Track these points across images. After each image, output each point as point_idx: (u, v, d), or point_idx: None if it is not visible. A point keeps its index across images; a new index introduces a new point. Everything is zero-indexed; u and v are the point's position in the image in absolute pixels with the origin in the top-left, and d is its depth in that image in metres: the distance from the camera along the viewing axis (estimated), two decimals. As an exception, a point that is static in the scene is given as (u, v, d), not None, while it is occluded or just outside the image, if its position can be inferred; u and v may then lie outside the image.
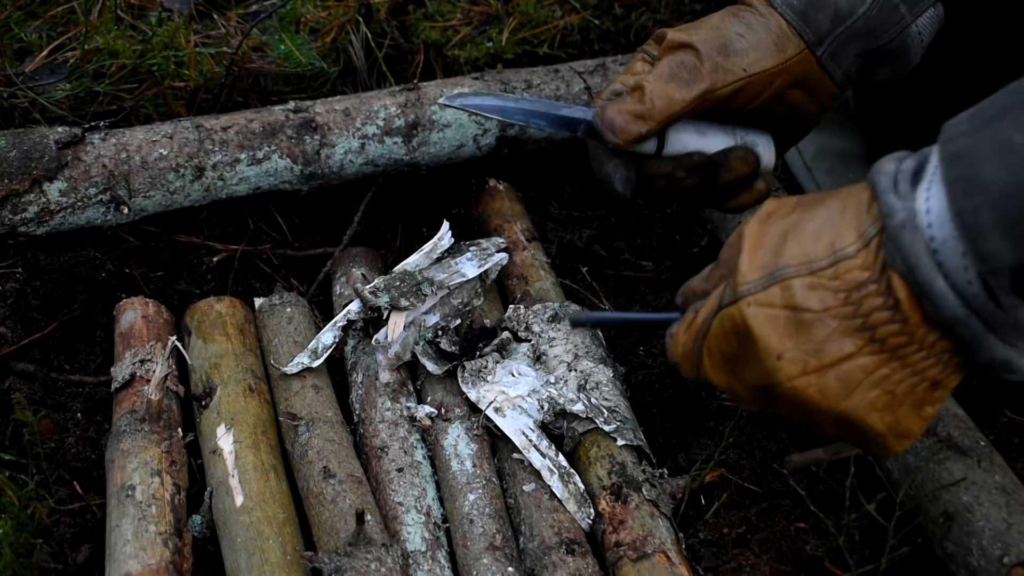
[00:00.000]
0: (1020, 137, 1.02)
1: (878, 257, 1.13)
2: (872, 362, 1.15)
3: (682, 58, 1.51)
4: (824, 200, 1.22)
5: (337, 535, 1.37)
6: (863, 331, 1.14)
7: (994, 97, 1.10)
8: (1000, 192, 1.03)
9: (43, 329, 1.73)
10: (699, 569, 1.43)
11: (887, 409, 1.17)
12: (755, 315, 1.19)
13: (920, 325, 1.12)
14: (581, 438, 1.54)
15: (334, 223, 2.02)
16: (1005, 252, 1.04)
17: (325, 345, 1.66)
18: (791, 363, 1.17)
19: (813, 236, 1.18)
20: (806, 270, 1.16)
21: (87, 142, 1.78)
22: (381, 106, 1.93)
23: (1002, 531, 1.35)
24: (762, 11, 1.54)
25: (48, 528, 1.45)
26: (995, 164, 1.03)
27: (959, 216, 1.06)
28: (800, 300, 1.16)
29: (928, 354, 1.14)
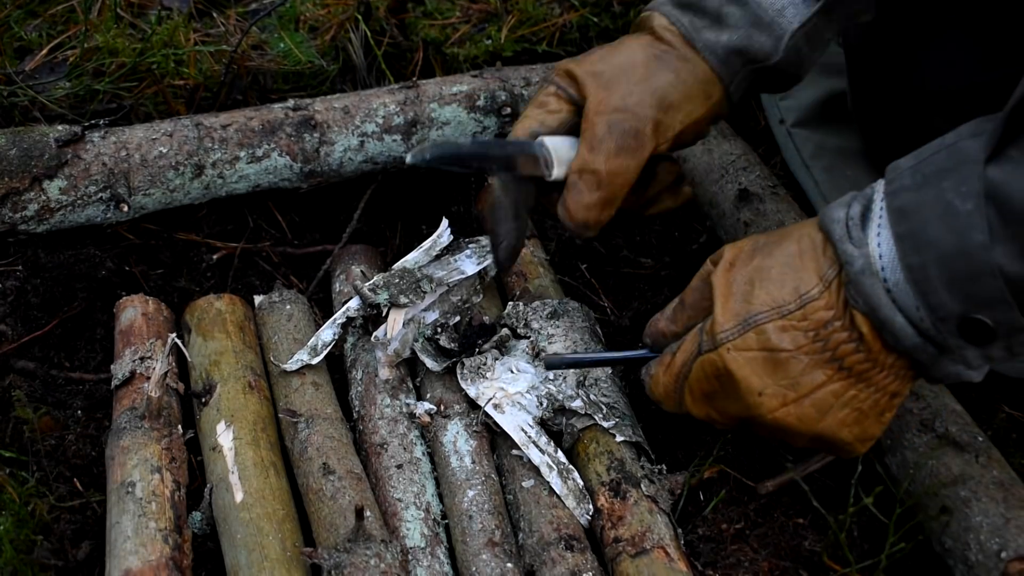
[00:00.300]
0: (960, 202, 1.15)
1: (839, 297, 1.27)
2: (841, 387, 1.30)
3: (623, 125, 1.50)
4: (780, 243, 1.34)
5: (337, 531, 1.37)
6: (832, 362, 1.29)
7: (934, 151, 1.21)
8: (946, 254, 1.16)
9: (43, 327, 1.74)
10: (698, 565, 1.43)
11: (856, 424, 1.33)
12: (735, 359, 1.31)
13: (881, 351, 1.27)
14: (580, 434, 1.55)
15: (334, 221, 2.02)
16: (952, 305, 1.18)
17: (324, 342, 1.66)
18: (771, 398, 1.31)
19: (778, 282, 1.31)
20: (777, 315, 1.29)
21: (87, 140, 1.78)
22: (380, 104, 1.93)
23: (1000, 526, 1.35)
24: (684, 54, 1.54)
25: (48, 525, 1.45)
26: (939, 227, 1.16)
27: (909, 270, 1.19)
28: (775, 342, 1.29)
29: (888, 373, 1.29)
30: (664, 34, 1.55)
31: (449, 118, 1.95)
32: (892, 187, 1.23)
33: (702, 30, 1.54)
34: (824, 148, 2.05)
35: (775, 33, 1.53)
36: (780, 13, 1.52)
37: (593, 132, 1.50)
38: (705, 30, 1.54)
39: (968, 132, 1.19)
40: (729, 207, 1.90)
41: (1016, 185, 1.12)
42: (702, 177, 2.00)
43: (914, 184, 1.20)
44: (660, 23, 1.56)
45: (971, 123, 1.20)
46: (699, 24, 1.54)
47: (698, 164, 2.02)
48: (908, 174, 1.21)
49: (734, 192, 1.90)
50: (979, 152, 1.15)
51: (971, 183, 1.14)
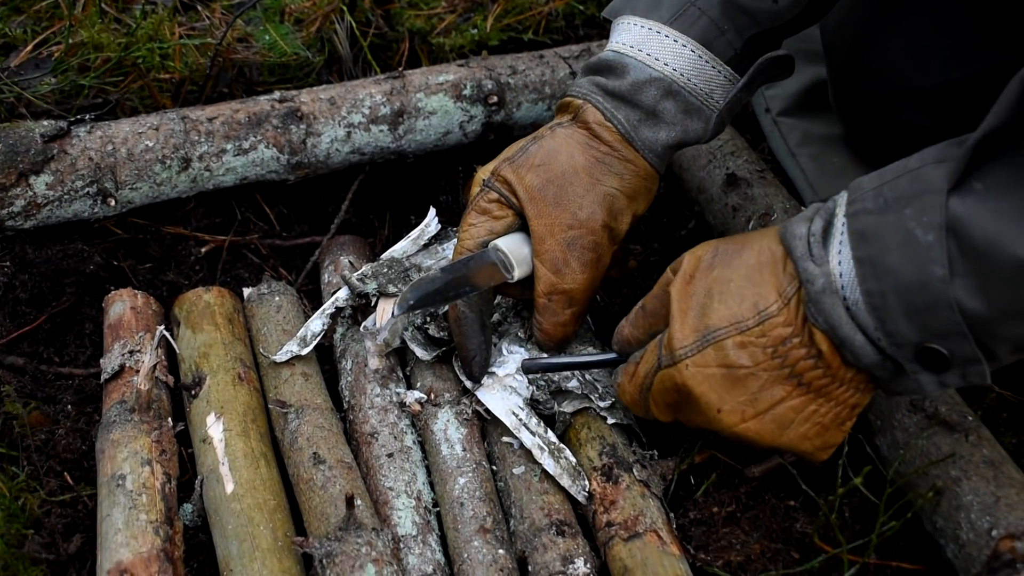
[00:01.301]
0: (921, 233, 1.14)
1: (799, 314, 1.27)
2: (801, 402, 1.30)
3: (581, 242, 1.52)
4: (740, 252, 1.34)
5: (327, 520, 1.37)
6: (791, 378, 1.29)
7: (898, 174, 1.19)
8: (905, 284, 1.16)
9: (32, 322, 1.74)
10: (690, 548, 1.44)
11: (817, 436, 1.33)
12: (693, 376, 1.32)
13: (840, 367, 1.27)
14: (571, 419, 1.55)
15: (322, 212, 2.02)
16: (909, 334, 1.18)
17: (314, 333, 1.66)
18: (730, 414, 1.32)
19: (737, 297, 1.31)
20: (735, 331, 1.30)
21: (73, 135, 1.78)
22: (367, 94, 1.93)
23: (990, 504, 1.35)
24: (625, 155, 1.55)
25: (39, 519, 1.45)
26: (899, 255, 1.15)
27: (868, 295, 1.19)
28: (733, 359, 1.30)
29: (848, 387, 1.30)
30: (601, 132, 1.55)
31: (435, 107, 1.95)
32: (853, 208, 1.21)
33: (639, 128, 1.54)
34: (810, 136, 2.04)
35: (705, 115, 1.56)
36: (709, 96, 1.56)
37: (553, 254, 1.52)
38: (642, 128, 1.54)
39: (932, 157, 1.18)
40: (717, 192, 1.90)
41: (977, 220, 1.11)
42: (690, 163, 2.00)
43: (876, 208, 1.19)
44: (595, 119, 1.55)
45: (936, 147, 1.19)
46: (634, 119, 1.54)
47: (686, 150, 2.02)
48: (871, 196, 1.20)
49: (722, 177, 1.90)
50: (942, 181, 1.14)
51: (933, 213, 1.13)
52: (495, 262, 1.53)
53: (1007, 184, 1.11)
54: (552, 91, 2.02)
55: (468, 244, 1.56)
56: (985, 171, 1.13)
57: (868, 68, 1.74)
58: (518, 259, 1.53)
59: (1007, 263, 1.09)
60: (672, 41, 1.53)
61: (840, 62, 1.84)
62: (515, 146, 1.58)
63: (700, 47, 1.53)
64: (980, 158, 1.13)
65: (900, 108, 1.72)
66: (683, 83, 1.53)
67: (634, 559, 1.36)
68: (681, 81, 1.53)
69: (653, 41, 1.54)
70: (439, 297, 1.53)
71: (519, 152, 1.56)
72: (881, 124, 1.79)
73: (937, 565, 1.42)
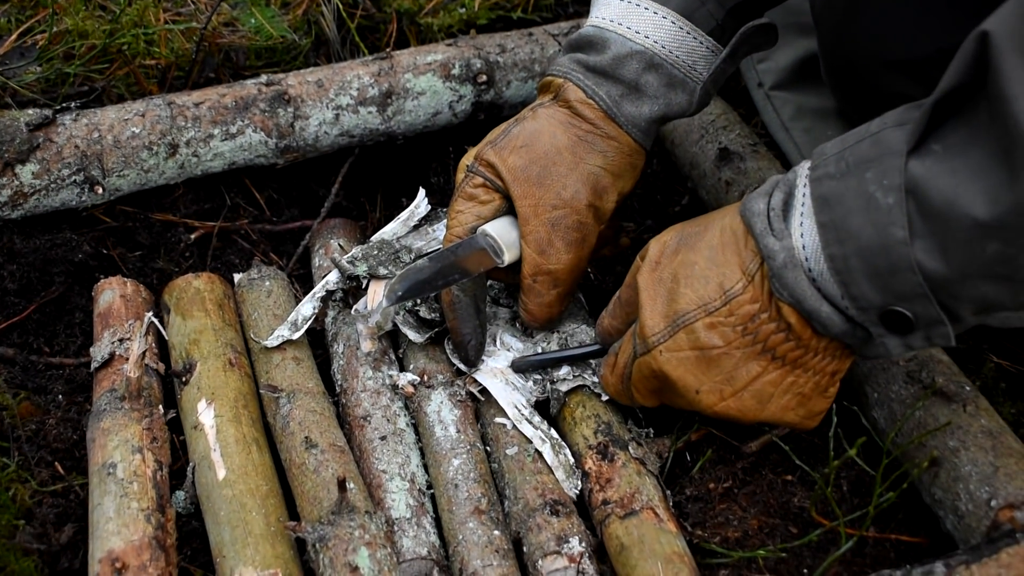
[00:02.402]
0: (881, 195, 1.14)
1: (764, 288, 1.27)
2: (778, 376, 1.31)
3: (565, 221, 1.51)
4: (703, 234, 1.35)
5: (320, 504, 1.36)
6: (764, 353, 1.30)
7: (859, 139, 1.19)
8: (866, 247, 1.16)
9: (21, 312, 1.73)
10: (687, 525, 1.43)
11: (800, 406, 1.34)
12: (668, 361, 1.34)
13: (812, 338, 1.28)
14: (566, 399, 1.54)
15: (312, 196, 2.00)
16: (872, 296, 1.19)
17: (304, 317, 1.64)
18: (708, 394, 1.33)
19: (702, 279, 1.31)
20: (703, 313, 1.31)
21: (59, 123, 1.77)
22: (354, 76, 1.91)
23: (989, 475, 1.34)
24: (608, 131, 1.54)
25: (31, 509, 1.44)
26: (861, 219, 1.15)
27: (831, 260, 1.19)
28: (705, 340, 1.31)
29: (824, 355, 1.30)
30: (583, 110, 1.53)
31: (424, 88, 1.93)
32: (816, 173, 1.21)
33: (621, 103, 1.53)
34: (804, 110, 2.03)
35: (688, 88, 1.55)
36: (692, 68, 1.55)
37: (538, 235, 1.51)
38: (624, 103, 1.53)
39: (893, 120, 1.17)
40: (710, 167, 1.89)
41: (935, 181, 1.10)
42: (682, 138, 1.98)
43: (838, 172, 1.18)
44: (577, 96, 1.54)
45: (897, 111, 1.18)
46: (616, 95, 1.53)
47: (678, 124, 2.00)
48: (832, 161, 1.20)
49: (714, 152, 1.89)
50: (902, 143, 1.13)
51: (892, 176, 1.13)
52: (484, 247, 1.53)
53: (964, 144, 1.10)
54: (542, 69, 2.00)
55: (457, 231, 1.55)
56: (943, 132, 1.12)
57: (857, 39, 1.72)
58: (507, 243, 1.52)
59: (964, 223, 1.08)
60: (652, 13, 1.52)
61: (830, 34, 1.82)
62: (498, 129, 1.58)
63: (681, 18, 1.52)
64: (938, 119, 1.13)
65: (891, 79, 1.71)
66: (665, 55, 1.52)
67: (631, 537, 1.35)
68: (663, 54, 1.52)
69: (633, 14, 1.52)
70: (428, 286, 1.52)
71: (501, 135, 1.56)
72: (873, 96, 1.77)
73: (936, 537, 1.42)
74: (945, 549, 1.38)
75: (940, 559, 1.24)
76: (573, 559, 1.34)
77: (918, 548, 1.42)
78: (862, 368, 1.53)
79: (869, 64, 1.74)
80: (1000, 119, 1.05)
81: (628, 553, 1.34)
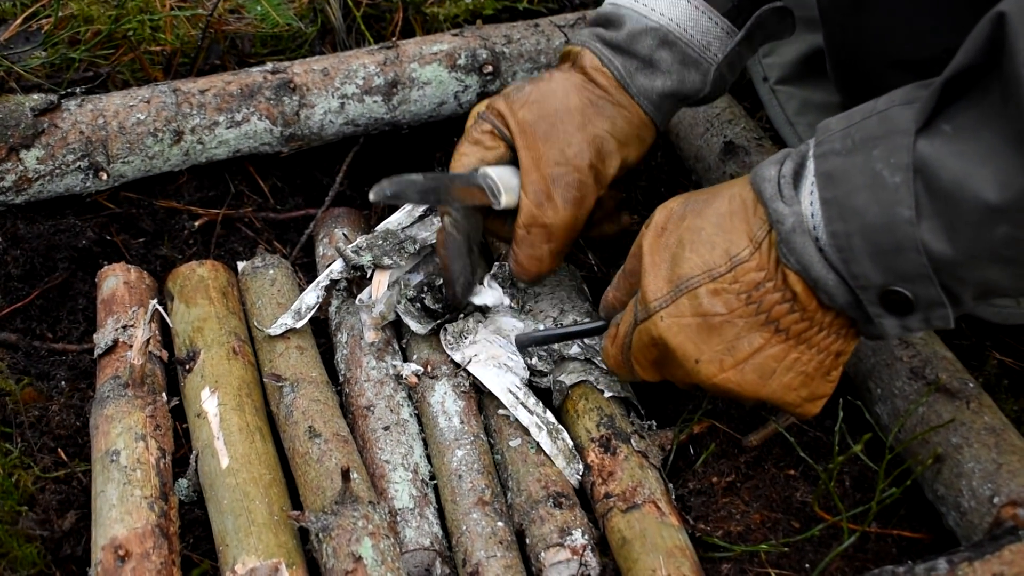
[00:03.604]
0: (888, 174, 1.12)
1: (771, 257, 1.25)
2: (781, 350, 1.28)
3: (566, 178, 1.51)
4: (711, 201, 1.32)
5: (324, 494, 1.36)
6: (768, 324, 1.27)
7: (866, 115, 1.18)
8: (871, 225, 1.14)
9: (24, 298, 1.72)
10: (689, 519, 1.43)
11: (802, 386, 1.31)
12: (669, 327, 1.31)
13: (817, 310, 1.25)
14: (569, 391, 1.54)
15: (316, 185, 2.00)
16: (874, 275, 1.17)
17: (308, 306, 1.64)
18: (709, 364, 1.30)
19: (708, 245, 1.29)
20: (707, 278, 1.28)
21: (63, 109, 1.76)
22: (360, 65, 1.91)
23: (992, 472, 1.34)
24: (619, 99, 1.55)
25: (33, 496, 1.44)
26: (866, 197, 1.13)
27: (834, 237, 1.18)
28: (707, 307, 1.28)
29: (828, 332, 1.27)
30: (597, 76, 1.55)
31: (430, 78, 1.93)
32: (821, 149, 1.20)
33: (635, 75, 1.54)
34: (809, 104, 2.02)
35: (703, 68, 1.55)
36: (706, 48, 1.55)
37: (536, 186, 1.51)
38: (638, 75, 1.54)
39: (901, 98, 1.16)
40: (715, 160, 1.88)
41: (945, 162, 1.09)
42: (687, 131, 1.98)
43: (843, 148, 1.17)
44: (592, 63, 1.55)
45: (904, 89, 1.18)
46: (631, 68, 1.54)
47: (683, 118, 2.00)
48: (838, 137, 1.19)
49: (719, 145, 1.88)
50: (910, 122, 1.12)
51: (900, 155, 1.12)
52: (481, 185, 1.53)
53: (974, 126, 1.09)
54: (548, 60, 2.00)
55: (458, 169, 1.57)
56: (953, 112, 1.11)
57: (864, 38, 1.72)
58: (506, 187, 1.53)
59: (973, 205, 1.08)
60: None
61: (835, 31, 1.82)
62: (513, 85, 1.60)
63: None
64: (948, 99, 1.12)
65: (898, 78, 1.69)
66: (679, 33, 1.53)
67: (633, 530, 1.35)
68: (677, 32, 1.53)
69: None
70: (417, 196, 1.52)
71: (516, 89, 1.57)
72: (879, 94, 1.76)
73: (939, 533, 1.42)
74: (947, 546, 1.38)
75: (943, 555, 1.24)
76: (576, 551, 1.34)
77: (920, 544, 1.42)
78: (866, 364, 1.53)
79: (875, 63, 1.74)
80: (1013, 101, 1.04)
81: (630, 546, 1.34)
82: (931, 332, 1.54)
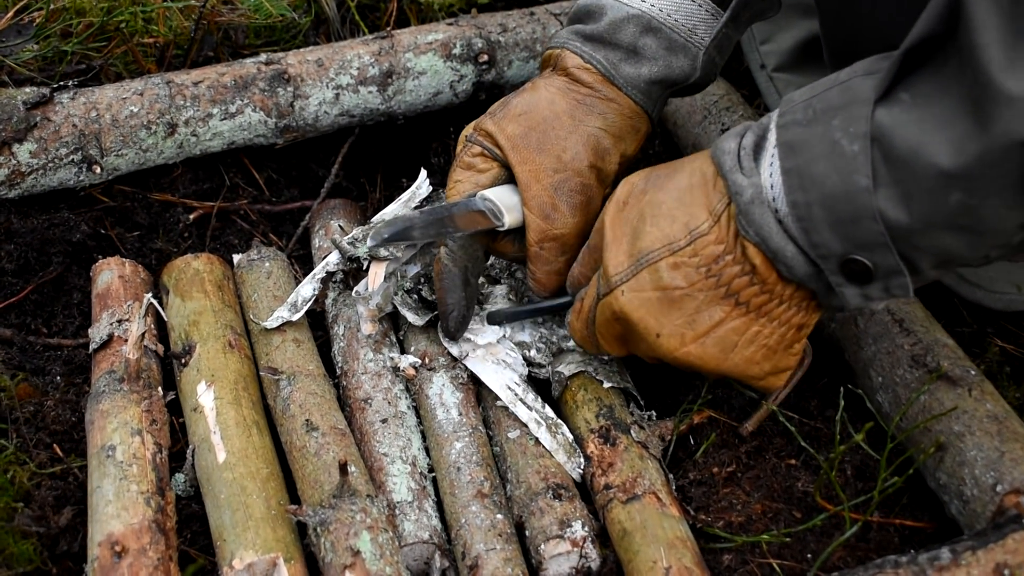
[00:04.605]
0: (847, 143, 1.13)
1: (730, 229, 1.25)
2: (742, 323, 1.29)
3: (568, 184, 1.49)
4: (672, 175, 1.33)
5: (321, 488, 1.35)
6: (728, 297, 1.27)
7: (828, 87, 1.18)
8: (830, 194, 1.15)
9: (18, 293, 1.71)
10: (690, 509, 1.42)
11: (765, 360, 1.32)
12: (630, 301, 1.31)
13: (777, 283, 1.25)
14: (568, 382, 1.53)
15: (312, 176, 1.99)
16: (833, 244, 1.17)
17: (304, 298, 1.63)
18: (669, 338, 1.31)
19: (668, 218, 1.29)
20: (668, 252, 1.28)
21: (56, 102, 1.75)
22: (355, 55, 1.89)
23: (995, 460, 1.33)
24: (607, 93, 1.53)
25: (29, 492, 1.43)
26: (825, 166, 1.14)
27: (794, 207, 1.18)
28: (667, 280, 1.29)
29: (789, 305, 1.28)
30: (581, 75, 1.53)
31: (425, 67, 1.92)
32: (784, 120, 1.20)
33: (620, 65, 1.52)
34: None
35: (690, 53, 1.53)
36: (692, 33, 1.53)
37: (540, 200, 1.49)
38: (623, 65, 1.52)
39: (863, 69, 1.17)
40: (713, 149, 1.87)
41: (901, 130, 1.10)
42: (685, 119, 1.97)
43: (805, 119, 1.18)
44: (574, 63, 1.53)
45: (867, 60, 1.18)
46: (615, 59, 1.52)
47: (681, 106, 1.99)
48: (800, 108, 1.19)
49: (718, 133, 1.87)
50: (870, 92, 1.13)
51: (859, 124, 1.12)
52: (482, 210, 1.51)
53: (932, 93, 1.09)
54: (544, 49, 1.99)
55: (454, 198, 1.54)
56: (912, 81, 1.12)
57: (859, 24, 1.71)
58: (507, 206, 1.51)
59: (929, 172, 1.08)
60: None
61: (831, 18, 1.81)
62: (498, 103, 1.57)
63: None
64: (908, 68, 1.12)
65: None
66: (663, 19, 1.51)
67: (633, 521, 1.34)
68: (660, 17, 1.51)
69: None
70: (416, 234, 1.50)
71: (500, 106, 1.55)
72: None
73: (941, 522, 1.41)
74: (950, 534, 1.38)
75: (946, 544, 1.24)
76: (576, 543, 1.33)
77: (922, 533, 1.41)
78: (867, 352, 1.52)
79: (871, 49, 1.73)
80: (969, 68, 1.04)
81: (631, 538, 1.33)
82: (932, 319, 1.54)
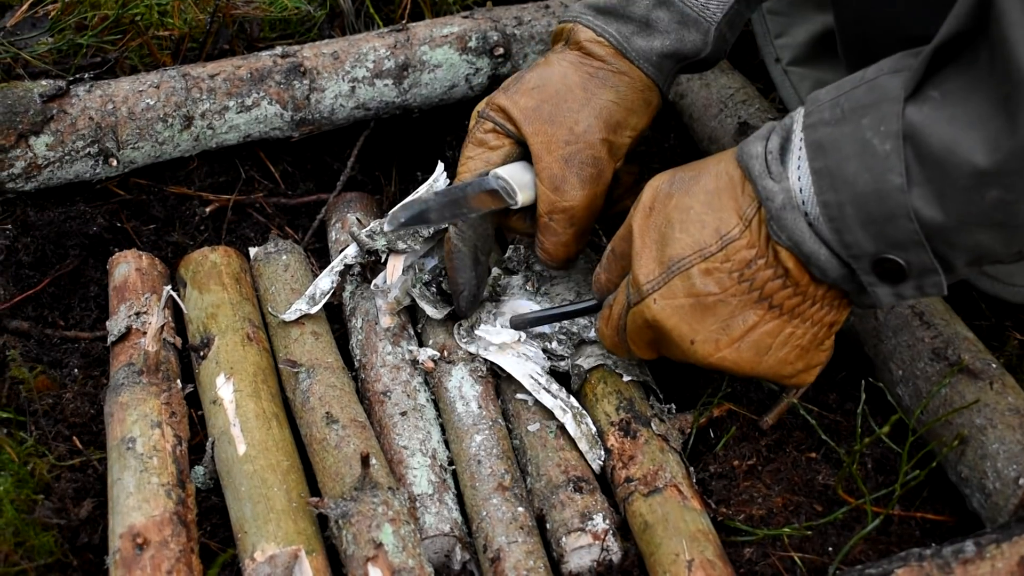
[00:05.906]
0: (878, 142, 1.12)
1: (761, 234, 1.24)
2: (776, 326, 1.29)
3: (579, 156, 1.50)
4: (698, 178, 1.31)
5: (342, 480, 1.35)
6: (761, 301, 1.27)
7: (855, 85, 1.17)
8: (862, 194, 1.14)
9: (35, 286, 1.71)
10: (711, 502, 1.41)
11: (798, 359, 1.32)
12: (663, 309, 1.31)
13: (810, 284, 1.25)
14: (587, 375, 1.52)
15: (327, 169, 1.98)
16: (866, 243, 1.17)
17: (323, 291, 1.63)
18: (704, 344, 1.30)
19: (698, 224, 1.28)
20: (699, 258, 1.28)
21: (72, 95, 1.75)
22: (370, 48, 1.89)
23: (1017, 453, 1.33)
24: (619, 67, 1.53)
25: (49, 484, 1.43)
26: (856, 165, 1.13)
27: (825, 207, 1.18)
28: (700, 287, 1.28)
29: (821, 305, 1.28)
30: (593, 48, 1.53)
31: (441, 60, 1.91)
32: (811, 120, 1.19)
33: (632, 38, 1.52)
34: (821, 85, 1.99)
35: (702, 27, 1.53)
36: (704, 7, 1.52)
37: (551, 171, 1.49)
38: (635, 38, 1.52)
39: (889, 67, 1.16)
40: (729, 142, 1.87)
41: (934, 128, 1.09)
42: (700, 112, 1.97)
43: (833, 118, 1.17)
44: (587, 36, 1.53)
45: (893, 57, 1.17)
46: (627, 32, 1.52)
47: (696, 99, 1.98)
48: (827, 107, 1.18)
49: (734, 126, 1.87)
50: (899, 90, 1.12)
51: (890, 122, 1.12)
52: (495, 188, 1.52)
53: (963, 91, 1.09)
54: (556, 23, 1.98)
55: (464, 175, 1.55)
56: (941, 78, 1.11)
57: (874, 16, 1.70)
58: (520, 184, 1.51)
59: (964, 170, 1.08)
60: None
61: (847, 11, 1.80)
62: (511, 78, 1.58)
63: None
64: (937, 66, 1.11)
65: None
66: None
67: (655, 514, 1.34)
68: None
69: None
70: (432, 217, 1.52)
71: (513, 80, 1.56)
72: None
73: (962, 515, 1.41)
74: (971, 528, 1.37)
75: (969, 537, 1.23)
76: (597, 536, 1.33)
77: (944, 527, 1.41)
78: (887, 345, 1.51)
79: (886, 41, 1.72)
80: (1001, 65, 1.04)
81: (652, 531, 1.33)
82: (952, 312, 1.53)
